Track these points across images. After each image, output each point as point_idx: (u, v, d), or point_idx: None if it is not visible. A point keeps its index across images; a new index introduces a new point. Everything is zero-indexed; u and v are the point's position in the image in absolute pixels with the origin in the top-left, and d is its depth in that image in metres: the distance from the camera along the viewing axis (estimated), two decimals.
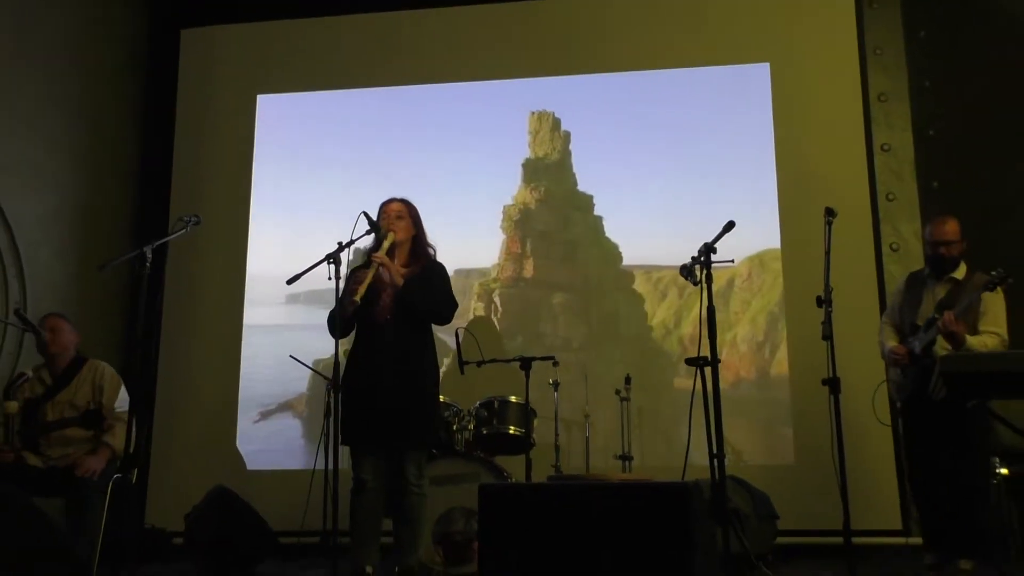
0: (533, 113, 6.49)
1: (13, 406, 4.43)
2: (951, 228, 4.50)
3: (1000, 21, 5.66)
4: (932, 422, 4.33)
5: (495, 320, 6.28)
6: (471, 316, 6.25)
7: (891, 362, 4.53)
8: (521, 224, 6.38)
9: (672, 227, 6.10)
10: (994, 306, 4.29)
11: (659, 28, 6.46)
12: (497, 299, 6.29)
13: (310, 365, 5.48)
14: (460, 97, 6.62)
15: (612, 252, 6.23)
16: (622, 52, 6.44)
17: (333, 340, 4.05)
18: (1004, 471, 3.71)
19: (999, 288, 4.18)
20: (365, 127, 6.71)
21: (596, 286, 6.23)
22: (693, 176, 6.21)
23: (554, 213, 6.36)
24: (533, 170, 6.42)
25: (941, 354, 4.21)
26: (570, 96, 6.49)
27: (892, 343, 4.54)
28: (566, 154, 6.41)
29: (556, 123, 6.45)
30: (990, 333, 4.24)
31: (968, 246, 4.52)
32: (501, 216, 6.41)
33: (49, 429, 4.44)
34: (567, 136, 6.43)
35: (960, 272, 4.48)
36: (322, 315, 4.25)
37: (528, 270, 6.32)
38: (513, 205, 6.40)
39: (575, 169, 6.39)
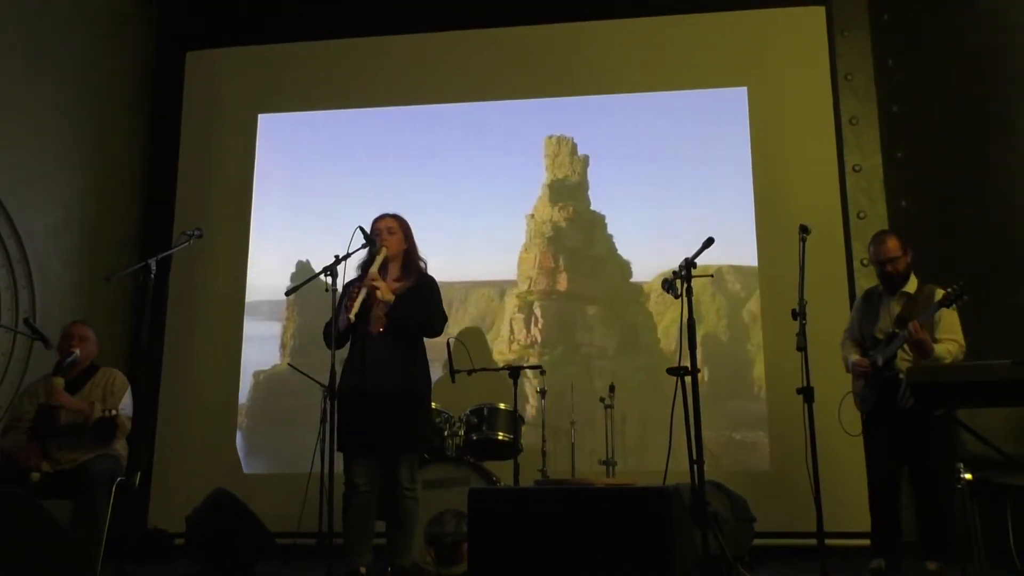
0: (551, 137, 6.61)
1: (60, 382, 4.50)
2: (892, 245, 4.58)
3: (962, 51, 5.78)
4: (895, 431, 4.42)
5: (536, 331, 6.38)
6: (508, 325, 6.40)
7: (856, 374, 4.62)
8: (554, 240, 6.49)
9: (662, 243, 6.24)
10: (948, 316, 4.37)
11: (643, 53, 6.59)
12: (537, 311, 6.41)
13: (308, 373, 5.57)
14: (456, 118, 6.75)
15: (625, 267, 6.35)
16: (608, 76, 6.58)
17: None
18: (968, 476, 3.75)
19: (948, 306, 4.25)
20: (361, 146, 6.83)
21: (617, 299, 6.33)
22: (678, 193, 6.35)
23: (581, 231, 6.46)
24: (557, 190, 6.55)
25: (904, 366, 4.34)
26: (567, 116, 6.63)
27: (855, 356, 4.63)
28: (584, 176, 6.53)
29: (574, 147, 6.58)
30: (949, 340, 4.34)
31: (916, 257, 4.60)
32: (504, 230, 6.56)
33: (61, 434, 4.48)
34: (585, 159, 6.54)
35: (912, 286, 4.56)
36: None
37: (562, 284, 6.43)
38: (545, 222, 6.52)
39: (580, 187, 6.53)
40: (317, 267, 4.18)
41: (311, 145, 6.89)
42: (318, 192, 6.80)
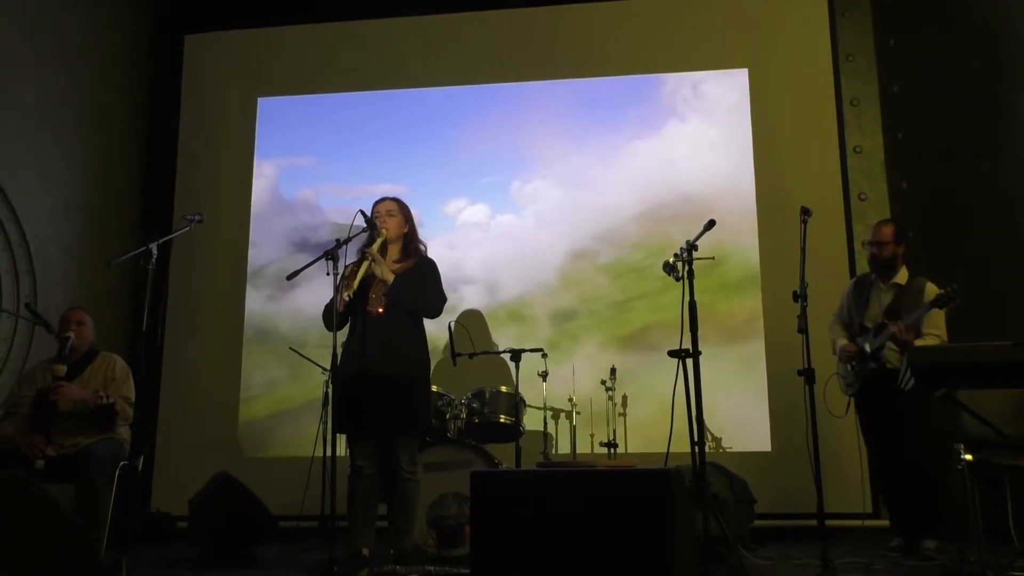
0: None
1: (62, 369, 4.49)
2: (886, 231, 4.72)
3: (964, 30, 5.76)
4: (883, 414, 4.53)
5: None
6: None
7: (843, 359, 4.72)
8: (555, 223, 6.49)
9: (662, 225, 6.25)
10: (935, 312, 4.44)
11: (644, 35, 6.58)
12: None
13: (309, 356, 5.58)
14: (456, 100, 6.74)
15: (626, 249, 6.33)
16: (609, 58, 6.57)
17: None
18: (968, 457, 3.76)
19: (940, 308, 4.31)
20: (361, 129, 6.81)
21: (618, 281, 6.32)
22: (678, 176, 6.33)
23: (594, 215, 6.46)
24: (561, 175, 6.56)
25: (892, 356, 4.46)
26: (559, 99, 6.60)
27: (843, 341, 4.74)
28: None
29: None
30: (932, 336, 4.42)
31: (917, 239, 4.68)
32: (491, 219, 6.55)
33: (62, 418, 4.46)
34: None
35: (902, 277, 4.66)
36: None
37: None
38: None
39: (578, 170, 6.53)
40: (318, 251, 4.18)
41: (311, 128, 6.87)
42: (318, 176, 6.80)
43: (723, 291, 6.14)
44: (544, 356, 5.29)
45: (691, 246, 4.05)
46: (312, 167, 6.83)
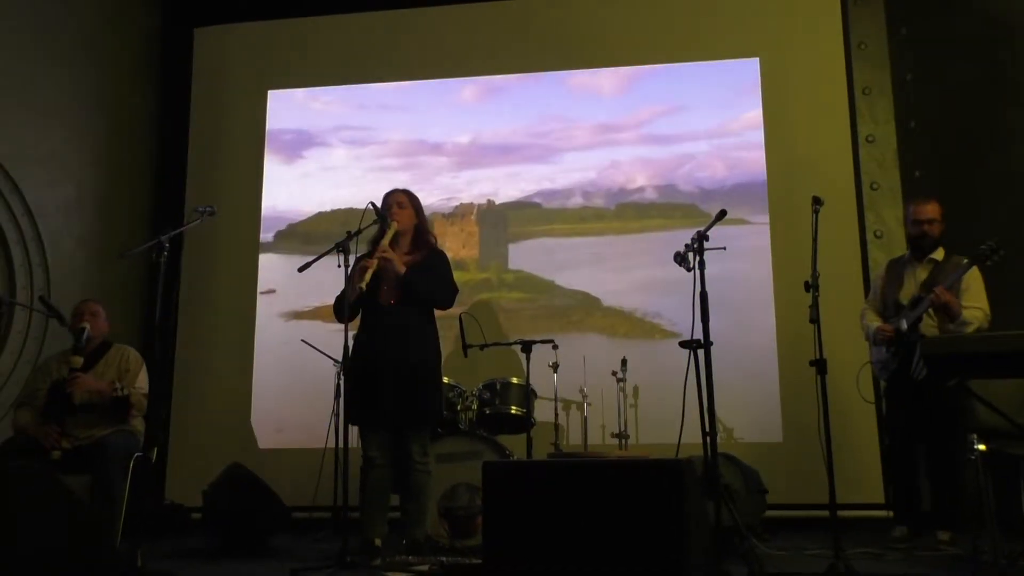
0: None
1: (78, 360, 4.52)
2: (932, 208, 4.70)
3: (978, 18, 5.71)
4: (915, 399, 4.47)
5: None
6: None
7: (877, 341, 4.66)
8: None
9: (673, 215, 6.25)
10: (975, 283, 4.46)
11: (655, 25, 6.55)
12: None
13: (321, 348, 5.60)
14: (467, 91, 6.74)
15: (636, 240, 6.33)
16: (620, 48, 6.54)
17: None
18: (982, 447, 3.74)
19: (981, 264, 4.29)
20: (371, 121, 6.83)
21: (627, 272, 6.33)
22: (689, 165, 6.32)
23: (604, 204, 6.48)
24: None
25: (930, 331, 4.42)
26: (569, 90, 6.60)
27: (877, 323, 4.70)
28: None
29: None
30: (974, 308, 4.41)
31: (946, 231, 4.66)
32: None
33: (77, 410, 4.49)
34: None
35: (939, 255, 4.64)
36: None
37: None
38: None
39: (587, 161, 6.53)
40: (330, 243, 4.19)
41: (321, 121, 6.88)
42: (329, 168, 6.81)
43: (734, 281, 6.11)
44: (555, 348, 5.28)
45: (702, 236, 4.04)
46: (320, 158, 6.83)
